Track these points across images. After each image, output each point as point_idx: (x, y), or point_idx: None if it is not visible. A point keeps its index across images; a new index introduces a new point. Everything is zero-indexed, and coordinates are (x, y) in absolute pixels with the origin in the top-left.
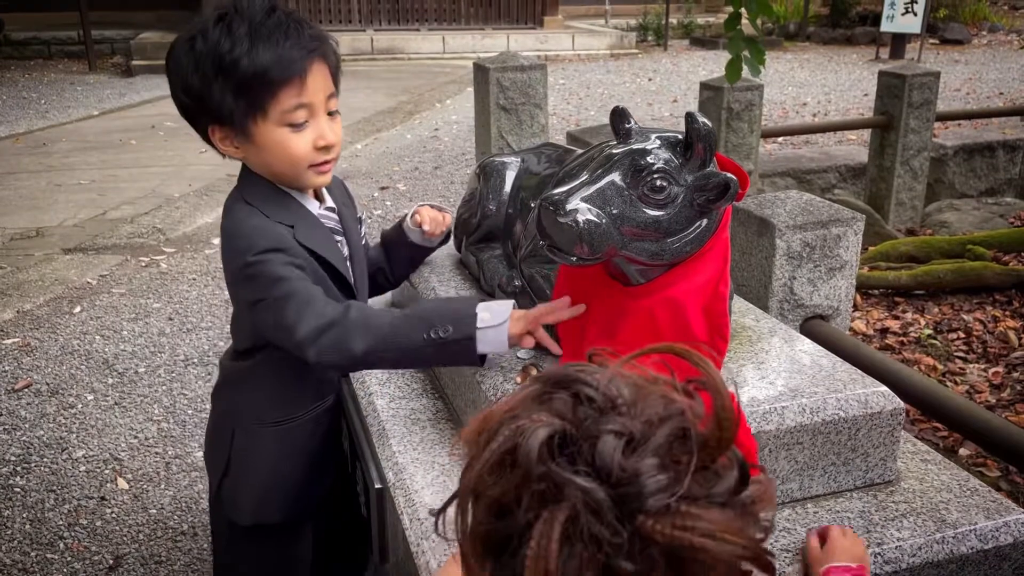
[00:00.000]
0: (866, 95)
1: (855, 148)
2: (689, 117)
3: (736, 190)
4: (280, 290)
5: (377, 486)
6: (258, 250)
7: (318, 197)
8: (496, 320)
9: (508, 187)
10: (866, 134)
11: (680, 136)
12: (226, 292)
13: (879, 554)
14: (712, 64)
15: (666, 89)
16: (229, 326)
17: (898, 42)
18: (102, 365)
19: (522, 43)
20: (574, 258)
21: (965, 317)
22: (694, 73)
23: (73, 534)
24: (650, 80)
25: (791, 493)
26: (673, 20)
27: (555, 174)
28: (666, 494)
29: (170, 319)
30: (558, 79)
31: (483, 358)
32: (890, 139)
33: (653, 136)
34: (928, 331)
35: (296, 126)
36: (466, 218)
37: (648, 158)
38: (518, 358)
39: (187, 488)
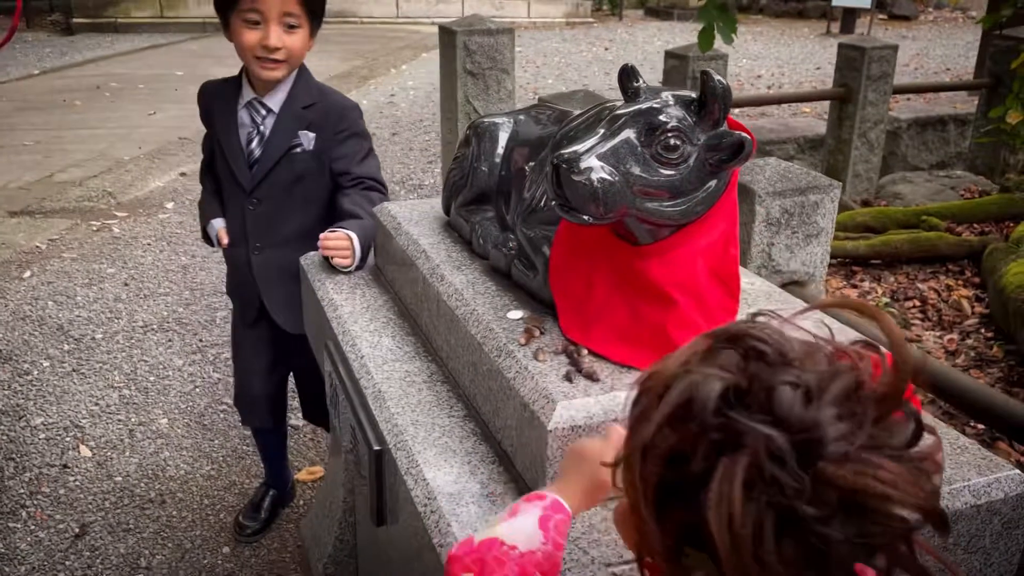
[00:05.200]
0: (818, 68)
1: (813, 120)
2: (705, 75)
3: (751, 150)
4: None
5: (376, 448)
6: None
7: (258, 91)
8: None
9: (500, 148)
10: (820, 106)
11: (693, 95)
12: (183, 258)
13: None
14: (667, 35)
15: (623, 59)
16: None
17: (848, 17)
18: (56, 331)
19: (477, 9)
20: (587, 217)
21: (920, 286)
22: (650, 43)
23: (35, 502)
24: (606, 49)
25: None
26: None
27: (553, 135)
28: (846, 442)
29: (126, 284)
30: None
31: None
32: (848, 111)
33: (666, 94)
34: (886, 299)
35: (249, 23)
36: (456, 180)
37: (662, 116)
38: (510, 319)
39: (153, 455)
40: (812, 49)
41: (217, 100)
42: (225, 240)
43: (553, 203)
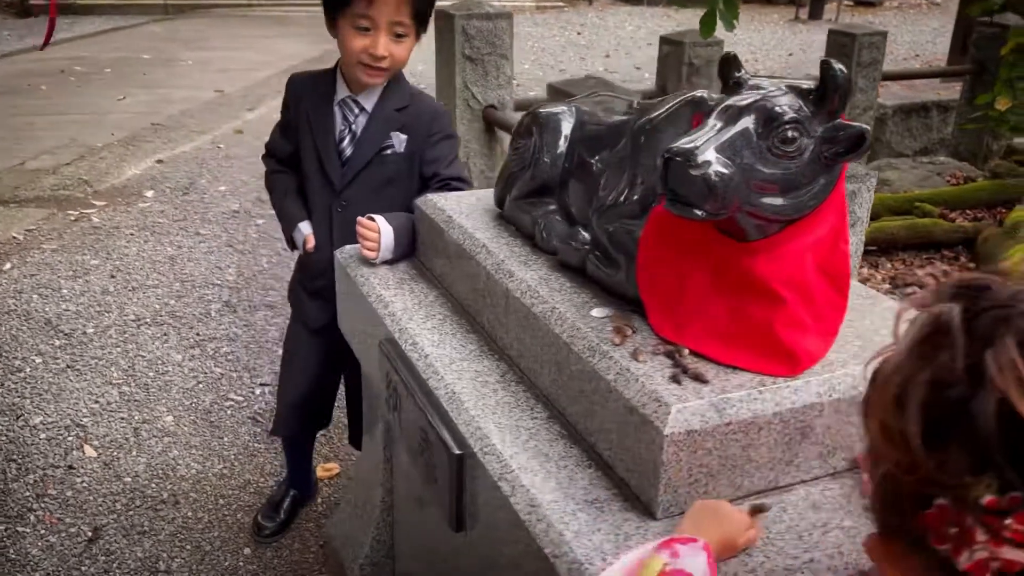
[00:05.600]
0: (791, 55)
1: None
2: (825, 64)
3: (869, 143)
4: None
5: (457, 452)
6: None
7: (352, 89)
8: None
9: (563, 139)
10: None
11: (807, 85)
12: (169, 249)
13: None
14: (638, 19)
15: (596, 44)
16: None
17: (816, 3)
18: (45, 326)
19: None
20: (700, 212)
21: (918, 272)
22: (621, 28)
23: (43, 505)
24: (579, 34)
25: None
26: None
27: (625, 125)
28: None
29: (112, 276)
30: None
31: None
32: None
33: (780, 84)
34: (886, 286)
35: (359, 29)
36: (515, 172)
37: (781, 107)
38: (593, 316)
39: (161, 454)
40: (783, 35)
41: (309, 94)
42: (311, 245)
43: (665, 200)
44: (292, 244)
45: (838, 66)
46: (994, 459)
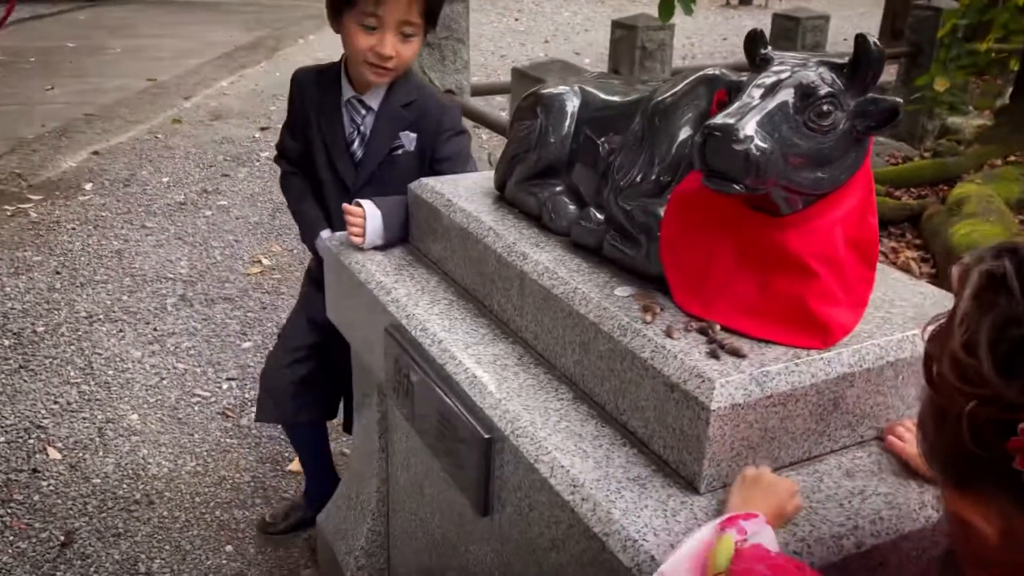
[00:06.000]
0: (725, 39)
1: None
2: (861, 38)
3: (902, 116)
4: None
5: (486, 436)
6: None
7: (357, 88)
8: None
9: (569, 119)
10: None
11: (839, 60)
12: (115, 243)
13: None
14: (574, 5)
15: (534, 30)
16: None
17: None
18: None
19: None
20: (739, 187)
21: None
22: (558, 14)
23: (10, 511)
24: (517, 20)
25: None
26: None
27: (636, 104)
28: None
29: (57, 273)
30: None
31: None
32: None
33: (813, 59)
34: None
35: (366, 28)
36: (519, 154)
37: (817, 81)
38: (617, 295)
39: (130, 454)
40: (715, 20)
41: (316, 92)
42: None
43: (702, 175)
44: (313, 248)
45: (873, 40)
46: None
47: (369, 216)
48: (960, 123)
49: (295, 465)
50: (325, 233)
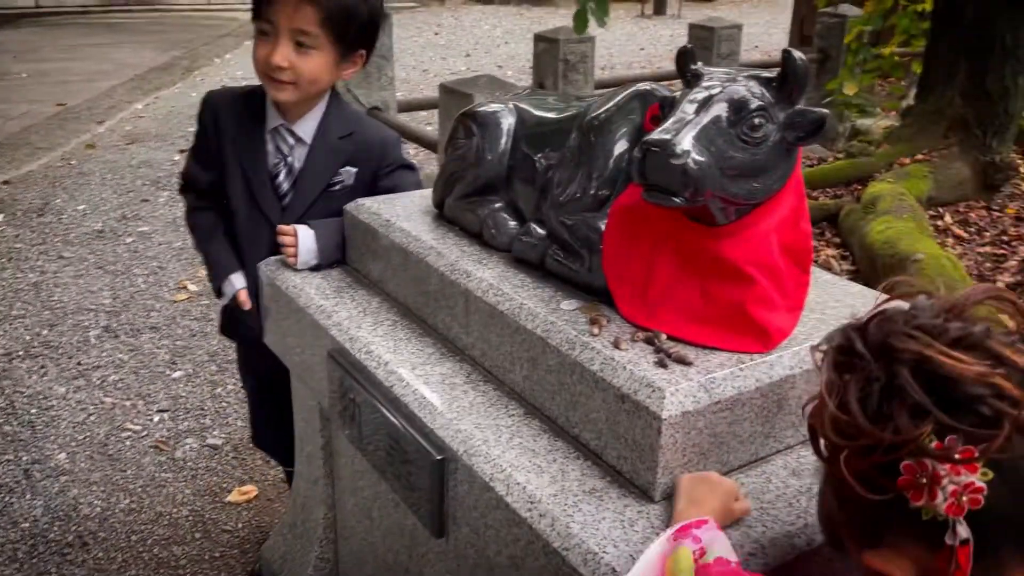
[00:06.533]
0: (642, 49)
1: None
2: (787, 53)
3: (828, 126)
4: None
5: (438, 457)
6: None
7: (286, 116)
8: None
9: (506, 136)
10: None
11: (767, 74)
12: (31, 275)
13: None
14: (492, 18)
15: (455, 44)
16: None
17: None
18: None
19: None
20: (679, 200)
21: None
22: (478, 27)
23: None
24: (436, 34)
25: None
26: None
27: (572, 120)
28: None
29: None
30: None
31: None
32: None
33: (742, 74)
34: None
35: (261, 35)
36: (456, 172)
37: (749, 95)
38: (563, 309)
39: (59, 495)
40: (631, 30)
41: (233, 118)
42: (248, 306)
43: (642, 189)
44: (220, 293)
45: (798, 55)
46: (927, 409)
47: (301, 237)
48: (869, 124)
49: (235, 495)
50: (236, 279)
